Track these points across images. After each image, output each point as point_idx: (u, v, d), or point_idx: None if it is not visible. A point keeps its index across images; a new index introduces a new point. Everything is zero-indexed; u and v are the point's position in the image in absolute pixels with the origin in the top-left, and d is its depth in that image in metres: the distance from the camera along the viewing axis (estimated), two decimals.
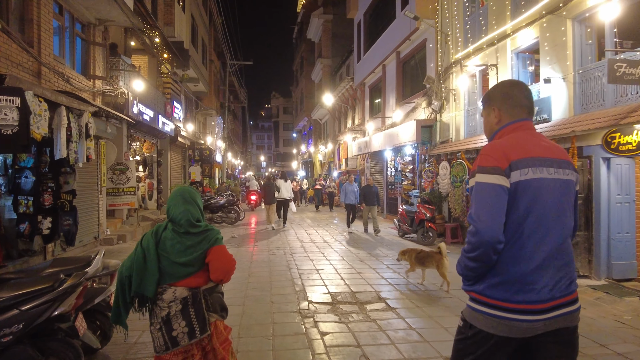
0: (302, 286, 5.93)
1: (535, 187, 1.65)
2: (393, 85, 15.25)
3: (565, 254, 1.69)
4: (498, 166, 1.64)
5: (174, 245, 2.23)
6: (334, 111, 24.91)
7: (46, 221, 7.14)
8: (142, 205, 15.20)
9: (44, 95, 5.75)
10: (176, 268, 2.22)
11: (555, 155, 1.72)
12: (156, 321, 2.24)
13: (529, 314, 1.61)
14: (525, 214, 1.64)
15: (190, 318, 2.19)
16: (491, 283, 1.66)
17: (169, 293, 2.21)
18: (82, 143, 7.01)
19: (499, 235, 1.60)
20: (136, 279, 2.22)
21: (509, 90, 1.86)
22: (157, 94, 14.02)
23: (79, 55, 9.33)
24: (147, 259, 2.22)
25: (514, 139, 1.74)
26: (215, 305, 2.33)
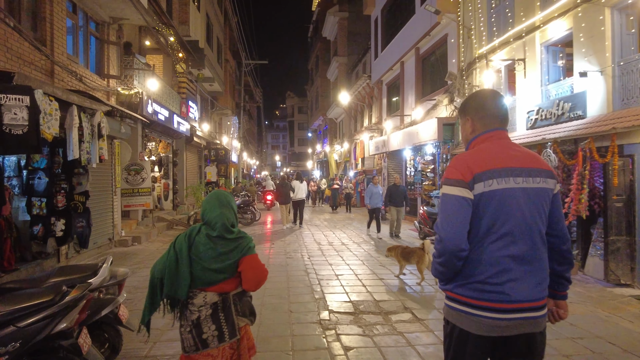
0: (322, 293, 5.61)
1: (500, 197, 1.71)
2: (412, 83, 14.81)
3: (535, 260, 1.74)
4: (461, 179, 1.72)
5: (206, 251, 2.20)
6: (350, 110, 24.54)
7: (59, 223, 7.00)
8: (157, 206, 15.10)
9: (55, 93, 5.56)
10: (208, 274, 2.20)
11: (525, 164, 1.76)
12: (186, 323, 2.23)
13: (493, 312, 1.70)
14: (491, 222, 1.71)
15: (220, 323, 2.19)
16: (461, 283, 1.77)
17: (200, 298, 2.21)
18: (95, 143, 6.83)
19: (461, 244, 1.70)
20: (168, 282, 2.20)
21: (482, 101, 1.92)
22: (172, 93, 13.89)
23: (93, 54, 9.20)
24: (179, 262, 2.20)
25: (482, 150, 1.81)
26: (244, 310, 2.32)
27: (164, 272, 2.23)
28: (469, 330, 1.75)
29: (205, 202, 2.34)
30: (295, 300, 5.31)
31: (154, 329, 4.39)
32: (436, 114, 12.41)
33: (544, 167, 1.81)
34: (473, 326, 1.74)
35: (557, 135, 6.95)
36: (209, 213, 2.27)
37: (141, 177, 11.54)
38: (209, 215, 2.27)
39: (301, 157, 62.74)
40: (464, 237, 1.72)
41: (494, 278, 1.71)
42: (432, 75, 13.67)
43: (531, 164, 1.78)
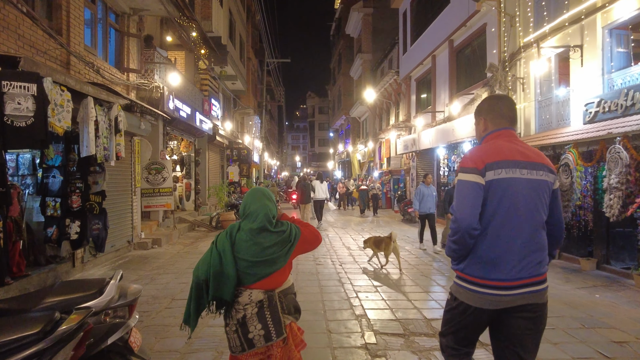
0: (363, 309, 4.90)
1: (507, 184, 1.97)
2: (445, 77, 13.95)
3: (535, 242, 1.99)
4: (475, 167, 1.99)
5: (249, 247, 2.14)
6: (375, 108, 23.73)
7: (74, 225, 6.50)
8: (179, 207, 14.68)
9: (67, 83, 5.04)
10: (253, 270, 2.14)
11: (529, 158, 2.02)
12: (232, 322, 2.17)
13: (499, 289, 1.95)
14: (498, 206, 1.97)
15: (266, 321, 2.13)
16: (470, 263, 2.02)
17: (245, 296, 2.15)
18: (112, 139, 6.31)
19: (473, 223, 1.95)
20: (213, 283, 2.13)
21: (495, 103, 2.21)
22: (194, 90, 13.43)
23: (113, 47, 8.74)
24: (224, 262, 2.14)
25: (493, 144, 2.07)
26: (290, 307, 2.26)
27: (209, 274, 2.14)
28: (475, 305, 1.98)
29: (247, 196, 2.29)
30: (333, 317, 4.62)
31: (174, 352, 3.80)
32: (474, 108, 11.52)
33: (546, 163, 2.05)
34: (479, 302, 1.97)
35: (627, 129, 6.06)
36: (251, 205, 2.22)
37: (162, 176, 11.08)
38: (251, 207, 2.22)
39: (322, 157, 62.23)
40: (476, 217, 1.95)
41: (499, 258, 1.93)
42: (468, 68, 12.78)
43: (535, 159, 2.02)
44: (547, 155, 8.29)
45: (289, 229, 2.23)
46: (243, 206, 2.28)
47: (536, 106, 9.26)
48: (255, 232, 2.16)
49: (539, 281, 1.97)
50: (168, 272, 7.13)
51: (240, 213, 2.28)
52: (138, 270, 7.31)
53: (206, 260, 2.18)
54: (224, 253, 2.14)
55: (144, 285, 6.24)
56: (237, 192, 19.04)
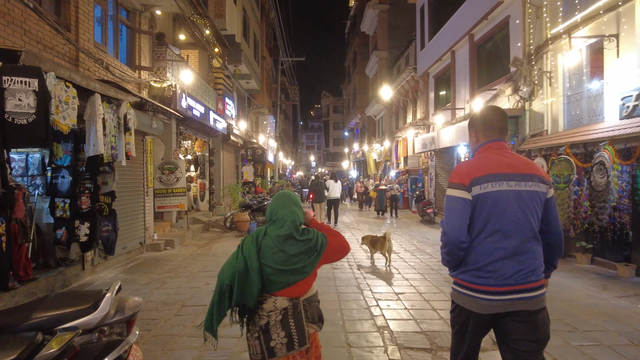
0: (384, 319, 4.54)
1: (494, 197, 2.03)
2: (465, 73, 13.44)
3: (526, 252, 2.05)
4: (460, 182, 2.07)
5: (275, 254, 2.08)
6: (391, 106, 23.26)
7: (83, 227, 6.31)
8: (193, 207, 14.52)
9: (72, 79, 4.81)
10: (278, 277, 2.08)
11: (517, 170, 2.07)
12: (254, 329, 2.11)
13: (488, 294, 2.03)
14: (487, 218, 2.04)
15: (290, 329, 2.07)
16: (463, 270, 2.11)
17: (270, 303, 2.08)
18: (121, 138, 6.08)
19: (461, 237, 2.04)
20: (237, 289, 2.07)
21: (485, 115, 2.25)
22: (208, 89, 13.23)
23: (124, 45, 8.56)
24: (249, 268, 2.07)
25: (481, 158, 2.15)
26: (314, 316, 2.18)
27: (234, 279, 2.07)
28: (470, 309, 2.08)
29: (275, 201, 2.23)
30: (352, 328, 4.27)
31: None
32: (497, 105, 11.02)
33: (537, 173, 2.09)
34: (473, 306, 2.07)
35: None
36: (279, 211, 2.16)
37: (175, 176, 10.89)
38: (278, 212, 2.16)
39: (336, 157, 61.87)
40: (463, 230, 2.05)
41: (488, 266, 2.03)
42: (490, 63, 12.27)
43: (524, 170, 2.08)
44: (578, 153, 7.80)
45: (315, 237, 2.15)
46: (270, 211, 2.21)
47: (565, 101, 8.74)
48: (282, 239, 2.10)
49: (531, 288, 2.02)
50: (180, 275, 6.89)
51: (267, 218, 2.22)
52: (149, 273, 7.09)
53: (232, 264, 2.12)
54: (249, 258, 2.08)
55: (154, 289, 6.00)
56: (251, 192, 18.83)
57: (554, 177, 8.12)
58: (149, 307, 5.14)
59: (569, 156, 7.77)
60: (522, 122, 10.01)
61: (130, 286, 6.23)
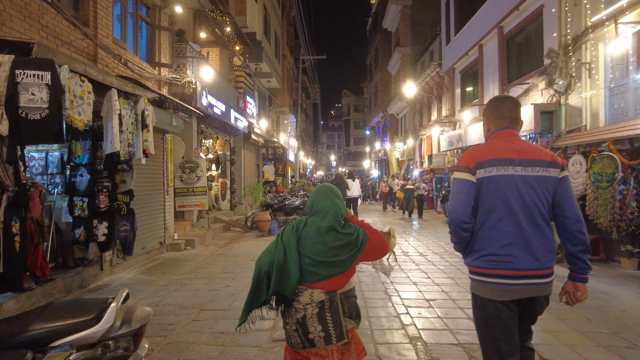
0: (416, 329, 4.18)
1: (499, 181, 2.06)
2: (494, 67, 12.87)
3: (535, 236, 2.04)
4: (466, 166, 2.13)
5: (315, 245, 2.05)
6: (415, 103, 22.70)
7: (102, 226, 6.17)
8: (214, 206, 14.42)
9: (88, 73, 4.63)
10: (316, 269, 2.04)
11: (525, 156, 2.09)
12: (291, 321, 2.08)
13: (503, 278, 2.03)
14: (492, 202, 2.07)
15: (327, 323, 2.03)
16: (475, 257, 2.13)
17: (306, 295, 2.05)
18: (139, 135, 5.91)
19: (463, 217, 2.08)
20: (276, 277, 2.04)
21: (496, 104, 2.30)
22: (228, 87, 13.07)
23: (144, 41, 8.43)
24: (288, 256, 2.05)
25: (489, 144, 2.20)
26: (351, 311, 2.12)
27: (272, 267, 2.07)
28: (486, 297, 2.07)
29: (316, 193, 2.20)
30: (382, 339, 3.93)
31: None
32: (528, 100, 10.46)
33: (545, 159, 2.11)
34: (489, 293, 2.06)
35: None
36: (321, 202, 2.14)
37: (196, 175, 10.75)
38: (320, 204, 2.14)
39: (357, 156, 61.42)
40: (467, 211, 2.08)
41: (500, 250, 2.04)
42: (521, 56, 11.67)
43: (532, 156, 2.10)
44: (623, 149, 7.22)
45: (356, 232, 2.11)
46: (311, 202, 2.18)
47: (606, 94, 8.14)
48: (323, 231, 2.07)
49: (543, 274, 2.03)
50: (199, 276, 6.69)
51: (307, 210, 2.19)
52: (168, 274, 6.91)
53: (270, 252, 2.11)
54: (289, 247, 2.07)
55: (172, 291, 5.80)
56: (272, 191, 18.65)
57: (595, 176, 7.56)
58: (166, 311, 4.92)
59: (613, 152, 7.20)
60: (557, 117, 9.43)
61: (148, 288, 6.05)
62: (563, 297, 2.17)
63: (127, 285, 6.18)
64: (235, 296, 5.45)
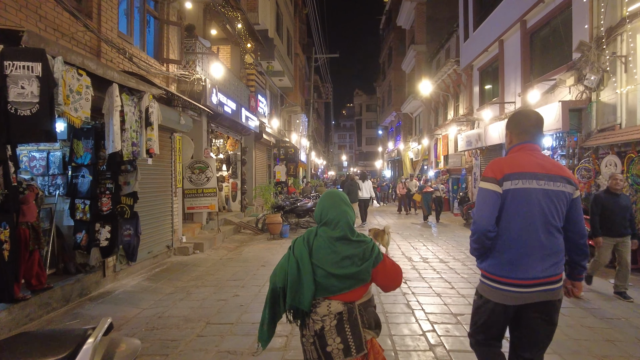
0: (446, 351, 3.71)
1: (524, 193, 2.16)
2: (516, 64, 12.28)
3: (550, 246, 2.17)
4: (493, 177, 2.21)
5: (327, 255, 1.99)
6: (430, 102, 22.11)
7: (104, 230, 5.82)
8: (225, 207, 14.09)
9: (85, 66, 4.26)
10: (331, 281, 1.97)
11: (547, 170, 2.20)
12: (308, 334, 2.02)
13: (517, 287, 2.16)
14: (515, 212, 2.17)
15: (346, 334, 1.97)
16: (491, 263, 2.23)
17: (323, 307, 1.99)
18: (143, 133, 5.54)
19: (488, 226, 2.19)
20: (291, 292, 1.99)
21: (519, 119, 2.40)
22: (240, 85, 12.71)
23: (151, 36, 8.09)
24: (301, 270, 1.99)
25: (514, 157, 2.28)
26: (370, 321, 2.05)
27: (286, 281, 2.01)
28: (497, 301, 2.21)
29: (324, 201, 2.11)
30: None
31: None
32: (556, 97, 9.88)
33: (565, 175, 2.23)
34: (500, 298, 2.20)
35: None
36: (330, 212, 2.06)
37: (206, 176, 10.41)
38: (330, 214, 2.05)
39: (369, 156, 60.80)
40: (491, 221, 2.18)
41: (517, 259, 2.15)
42: (546, 51, 11.07)
43: (553, 171, 2.21)
44: None
45: (371, 244, 2.05)
46: (319, 211, 2.11)
47: None
48: (334, 240, 2.02)
49: (554, 281, 2.16)
50: (207, 283, 6.31)
51: (316, 219, 2.12)
52: (174, 280, 6.55)
53: (283, 267, 2.06)
54: (301, 260, 2.01)
55: (178, 301, 5.42)
56: (284, 192, 18.27)
57: (633, 178, 6.99)
58: (169, 324, 4.54)
59: None
60: (588, 115, 8.84)
61: (153, 296, 5.69)
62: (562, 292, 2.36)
63: (130, 293, 5.82)
64: (244, 308, 5.04)
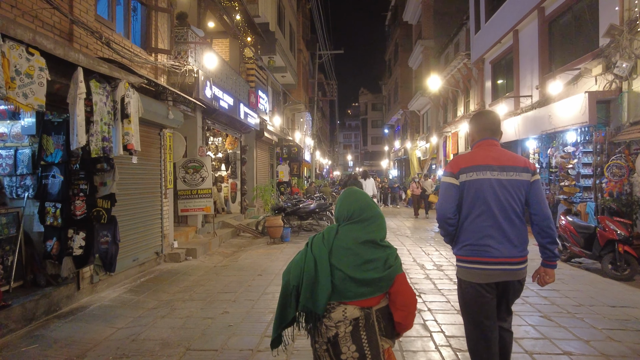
0: None
1: (479, 184, 2.44)
2: (532, 55, 11.48)
3: (509, 230, 2.42)
4: (451, 171, 2.53)
5: (348, 257, 1.87)
6: (439, 98, 21.30)
7: (78, 237, 5.14)
8: (224, 209, 13.41)
9: (39, 44, 3.56)
10: (349, 285, 1.84)
11: (500, 162, 2.46)
12: (321, 340, 1.90)
13: (481, 264, 2.43)
14: (473, 202, 2.45)
15: (362, 342, 1.85)
16: (460, 247, 2.53)
17: (339, 311, 1.86)
18: (118, 126, 4.84)
19: (448, 213, 2.49)
20: (305, 292, 1.87)
21: (479, 119, 2.70)
22: (238, 80, 12.01)
23: (138, 24, 7.40)
24: (319, 269, 1.86)
25: (472, 153, 2.59)
26: (388, 329, 1.94)
27: (301, 280, 1.89)
28: (470, 280, 2.48)
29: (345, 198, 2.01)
30: None
31: None
32: (580, 88, 9.08)
33: (519, 164, 2.48)
34: (472, 276, 2.47)
35: None
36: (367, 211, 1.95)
37: (200, 175, 9.74)
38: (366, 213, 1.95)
39: (375, 156, 60.05)
40: (450, 209, 2.49)
41: (479, 241, 2.43)
42: (567, 40, 10.27)
43: (507, 162, 2.47)
44: None
45: (395, 251, 1.93)
46: (350, 209, 1.96)
47: None
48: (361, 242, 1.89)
49: (515, 262, 2.41)
50: (195, 296, 5.60)
51: (343, 215, 1.97)
52: (160, 292, 5.85)
53: (299, 264, 1.93)
54: (319, 258, 1.88)
55: (158, 319, 4.72)
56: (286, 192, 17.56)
57: None
58: (143, 350, 3.84)
59: None
60: (618, 106, 8.04)
61: (132, 312, 4.99)
62: (535, 278, 2.56)
63: (107, 309, 5.13)
64: (232, 329, 4.32)
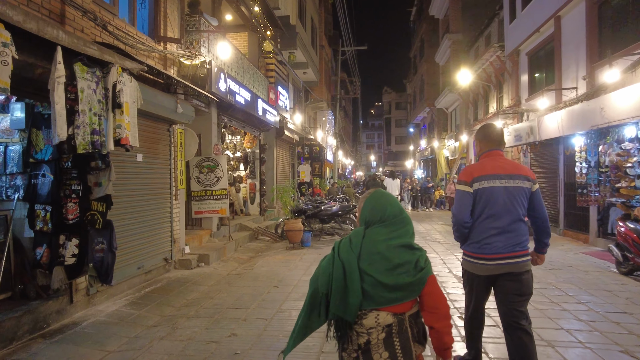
0: None
1: (489, 191, 2.84)
2: (578, 42, 10.38)
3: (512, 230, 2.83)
4: (465, 180, 2.92)
5: (378, 262, 1.81)
6: (468, 94, 20.18)
7: (70, 244, 4.55)
8: (243, 210, 12.82)
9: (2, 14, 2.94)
10: (380, 291, 1.78)
11: (507, 171, 2.87)
12: (351, 348, 1.84)
13: (486, 260, 2.86)
14: (484, 206, 2.85)
15: (395, 349, 1.79)
16: (468, 244, 2.95)
17: (371, 318, 1.80)
18: (109, 117, 4.20)
19: (464, 218, 2.89)
20: (335, 299, 1.80)
21: (485, 131, 3.12)
22: (256, 74, 11.38)
23: (145, 10, 6.83)
24: (348, 275, 1.80)
25: (481, 163, 3.00)
26: (420, 334, 1.90)
27: (330, 287, 1.82)
28: (474, 272, 2.94)
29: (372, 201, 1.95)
30: None
31: None
32: (638, 76, 8.00)
33: (522, 173, 2.91)
34: (475, 269, 2.92)
35: None
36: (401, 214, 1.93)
37: (215, 175, 9.13)
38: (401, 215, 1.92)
39: (399, 156, 58.77)
40: (466, 214, 2.88)
41: (485, 240, 2.85)
42: (622, 22, 9.13)
43: (512, 171, 2.88)
44: None
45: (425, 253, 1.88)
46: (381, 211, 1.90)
47: None
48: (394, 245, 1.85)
49: (515, 256, 2.81)
50: (201, 312, 4.94)
51: (372, 217, 1.90)
52: (164, 305, 5.22)
53: (327, 271, 1.86)
54: (348, 264, 1.81)
55: (156, 341, 4.06)
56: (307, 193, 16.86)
57: None
58: None
59: None
60: None
61: (129, 330, 4.36)
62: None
63: (101, 325, 4.52)
64: (239, 357, 3.62)
